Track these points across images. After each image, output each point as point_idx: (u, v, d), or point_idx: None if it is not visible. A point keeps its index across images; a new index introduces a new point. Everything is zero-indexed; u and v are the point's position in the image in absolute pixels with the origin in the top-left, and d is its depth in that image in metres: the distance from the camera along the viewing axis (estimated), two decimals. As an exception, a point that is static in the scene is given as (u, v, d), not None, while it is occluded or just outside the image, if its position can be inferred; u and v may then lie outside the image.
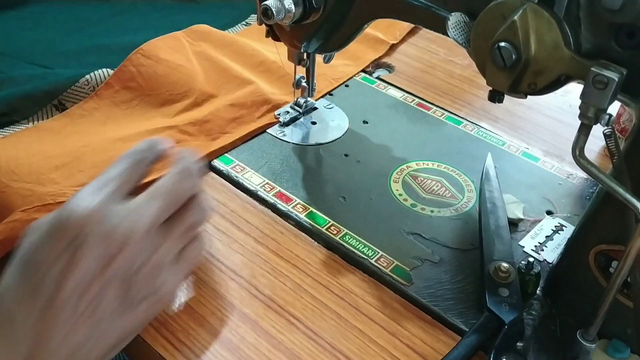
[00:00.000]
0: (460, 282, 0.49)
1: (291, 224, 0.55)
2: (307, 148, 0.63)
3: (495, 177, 0.56)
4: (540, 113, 0.71)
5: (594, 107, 0.37)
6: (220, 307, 0.47)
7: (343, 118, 0.67)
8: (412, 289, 0.49)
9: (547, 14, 0.37)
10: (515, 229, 0.54)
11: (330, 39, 0.56)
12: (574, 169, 0.61)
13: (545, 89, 0.40)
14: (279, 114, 0.66)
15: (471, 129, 0.67)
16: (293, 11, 0.50)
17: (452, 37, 0.44)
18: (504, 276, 0.47)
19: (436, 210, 0.56)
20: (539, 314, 0.47)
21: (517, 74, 0.39)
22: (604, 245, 0.43)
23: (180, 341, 0.44)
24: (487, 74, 0.41)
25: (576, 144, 0.39)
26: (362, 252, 0.51)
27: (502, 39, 0.39)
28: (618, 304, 0.42)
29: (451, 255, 0.52)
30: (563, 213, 0.57)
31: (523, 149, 0.64)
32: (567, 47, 0.37)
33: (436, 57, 0.80)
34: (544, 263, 0.51)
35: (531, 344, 0.45)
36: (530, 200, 0.57)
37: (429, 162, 0.62)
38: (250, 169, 0.59)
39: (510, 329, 0.43)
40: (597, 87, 0.36)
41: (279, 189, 0.57)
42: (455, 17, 0.43)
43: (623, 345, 0.43)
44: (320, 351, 0.44)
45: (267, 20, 0.50)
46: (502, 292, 0.46)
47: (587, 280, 0.45)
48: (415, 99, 0.71)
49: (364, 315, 0.47)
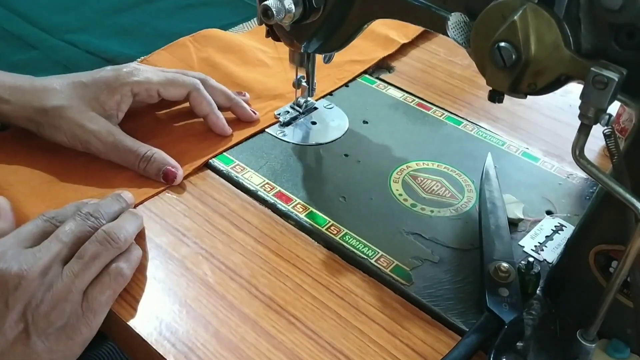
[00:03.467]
0: (460, 282, 0.49)
1: (291, 224, 0.55)
2: (307, 148, 0.63)
3: (495, 177, 0.56)
4: (540, 113, 0.71)
5: (594, 107, 0.37)
6: (220, 307, 0.47)
7: (343, 118, 0.68)
8: (412, 289, 0.49)
9: (547, 14, 0.37)
10: (515, 229, 0.54)
11: (330, 39, 0.56)
12: (574, 169, 0.61)
13: (545, 89, 0.40)
14: (279, 113, 0.66)
15: (471, 129, 0.67)
16: (293, 11, 0.50)
17: (452, 37, 0.44)
18: (503, 276, 0.47)
19: (436, 210, 0.56)
20: (539, 314, 0.47)
21: (517, 74, 0.39)
22: (603, 245, 0.43)
23: (181, 341, 0.44)
24: (487, 74, 0.41)
25: (576, 144, 0.39)
26: (362, 252, 0.51)
27: (502, 39, 0.39)
28: (618, 304, 0.42)
29: (451, 255, 0.52)
30: (563, 213, 0.57)
31: (523, 149, 0.64)
32: (567, 47, 0.37)
33: (436, 57, 0.80)
34: (543, 263, 0.51)
35: (531, 344, 0.45)
36: (530, 200, 0.57)
37: (429, 162, 0.62)
38: (250, 169, 0.59)
39: (510, 328, 0.44)
40: (597, 87, 0.36)
41: (279, 188, 0.57)
42: (455, 17, 0.43)
43: (623, 345, 0.43)
44: (320, 351, 0.44)
45: (267, 20, 0.50)
46: (502, 292, 0.46)
47: (587, 280, 0.45)
48: (415, 99, 0.71)
49: (364, 315, 0.47)
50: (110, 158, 0.58)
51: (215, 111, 0.62)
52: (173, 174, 0.57)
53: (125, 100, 0.59)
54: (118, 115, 0.59)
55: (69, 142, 0.57)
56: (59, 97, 0.56)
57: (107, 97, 0.58)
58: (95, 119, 0.57)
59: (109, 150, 0.57)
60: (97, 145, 0.57)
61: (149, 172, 0.57)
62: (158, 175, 0.57)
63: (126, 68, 0.60)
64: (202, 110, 0.62)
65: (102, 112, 0.58)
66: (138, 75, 0.59)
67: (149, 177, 0.57)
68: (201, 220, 0.54)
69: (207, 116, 0.63)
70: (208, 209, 0.55)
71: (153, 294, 0.48)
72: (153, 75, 0.61)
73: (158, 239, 0.52)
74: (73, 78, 0.58)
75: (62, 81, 0.58)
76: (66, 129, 0.56)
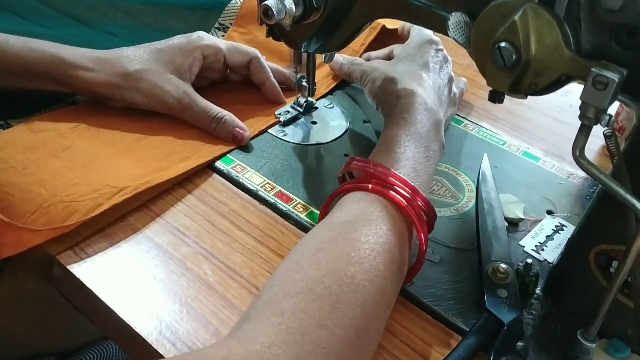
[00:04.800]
0: (461, 281, 0.49)
1: (291, 223, 0.55)
2: (308, 148, 0.63)
3: (491, 178, 0.56)
4: (540, 113, 0.71)
5: (594, 108, 0.37)
6: (221, 307, 0.47)
7: (343, 118, 0.68)
8: (413, 289, 0.49)
9: (547, 14, 0.37)
10: (515, 229, 0.54)
11: (330, 38, 0.56)
12: (574, 169, 0.61)
13: (545, 89, 0.40)
14: (280, 113, 0.66)
15: (472, 129, 0.67)
16: (293, 11, 0.50)
17: (452, 37, 0.44)
18: (502, 277, 0.47)
19: (437, 210, 0.56)
20: (539, 314, 0.47)
21: (517, 74, 0.39)
22: (604, 245, 0.43)
23: (181, 341, 0.44)
24: (487, 74, 0.41)
25: (576, 145, 0.39)
26: (363, 252, 0.51)
27: (502, 39, 0.39)
28: (618, 304, 0.42)
29: (451, 255, 0.52)
30: (563, 213, 0.57)
31: (524, 149, 0.64)
32: (567, 47, 0.37)
33: (437, 57, 0.79)
34: (544, 263, 0.51)
35: (531, 344, 0.45)
36: (531, 200, 0.57)
37: (429, 162, 0.62)
38: (251, 169, 0.59)
39: (509, 330, 0.43)
40: (597, 88, 0.36)
41: (279, 188, 0.57)
42: (456, 17, 0.43)
43: (623, 345, 0.43)
44: (320, 351, 0.44)
45: (267, 20, 0.50)
46: (501, 293, 0.46)
47: (587, 280, 0.45)
48: (415, 99, 0.71)
49: (364, 315, 0.47)
50: (185, 118, 0.62)
51: (272, 79, 0.67)
52: (241, 135, 0.61)
53: (196, 62, 0.64)
54: (191, 78, 0.64)
55: (149, 103, 0.62)
56: (139, 62, 0.62)
57: (181, 60, 0.63)
58: (173, 81, 0.62)
59: (184, 110, 0.62)
60: (174, 105, 0.62)
61: (219, 132, 0.61)
62: (228, 136, 0.61)
63: (195, 35, 0.65)
64: (261, 78, 0.67)
65: (178, 74, 0.63)
66: (207, 40, 0.65)
67: (219, 138, 0.61)
68: (201, 220, 0.54)
69: (264, 83, 0.67)
70: (208, 208, 0.55)
71: (153, 293, 0.48)
72: (220, 42, 0.66)
73: (158, 239, 0.52)
74: (149, 46, 0.63)
75: (139, 49, 0.63)
76: (147, 91, 0.61)
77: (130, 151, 0.59)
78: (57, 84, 0.61)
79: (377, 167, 0.47)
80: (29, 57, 0.60)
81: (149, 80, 0.61)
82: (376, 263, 0.41)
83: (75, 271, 0.49)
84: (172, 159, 0.58)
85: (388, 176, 0.46)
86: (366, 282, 0.40)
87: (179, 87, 0.62)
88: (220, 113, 0.62)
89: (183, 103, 0.61)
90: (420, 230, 0.46)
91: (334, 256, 0.41)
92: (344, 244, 0.42)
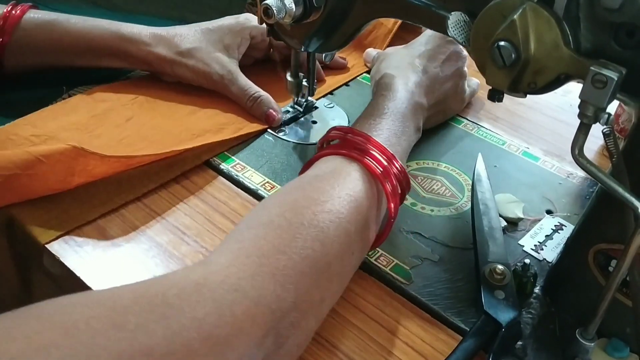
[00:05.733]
0: (460, 280, 0.50)
1: (291, 222, 0.55)
2: (308, 147, 0.63)
3: (486, 178, 0.56)
4: (540, 113, 0.71)
5: (594, 106, 0.37)
6: (220, 305, 0.47)
7: (343, 117, 0.68)
8: (412, 288, 0.49)
9: (546, 13, 0.37)
10: (515, 228, 0.55)
11: (330, 38, 0.56)
12: (574, 169, 0.61)
13: (545, 88, 0.40)
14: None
15: (471, 129, 0.67)
16: (293, 10, 0.50)
17: (452, 36, 0.44)
18: (499, 278, 0.47)
19: (436, 210, 0.56)
20: (538, 313, 0.47)
21: (516, 73, 0.39)
22: (603, 244, 0.43)
23: (180, 339, 0.44)
24: (486, 73, 0.41)
25: (576, 143, 0.39)
26: (362, 251, 0.51)
27: (501, 38, 0.39)
28: (617, 303, 0.42)
29: (451, 254, 0.52)
30: (563, 212, 0.57)
31: (523, 149, 0.64)
32: (566, 46, 0.37)
33: (437, 57, 0.79)
34: (543, 262, 0.51)
35: (530, 343, 0.45)
36: (530, 200, 0.57)
37: (429, 162, 0.62)
38: (251, 168, 0.59)
39: (507, 331, 0.43)
40: (596, 86, 0.36)
41: (279, 187, 0.57)
42: (455, 16, 0.43)
43: (622, 344, 0.43)
44: (319, 349, 0.44)
45: (267, 19, 0.50)
46: (498, 295, 0.46)
47: (586, 279, 0.45)
48: (415, 99, 0.71)
49: (363, 314, 0.47)
50: (226, 93, 0.66)
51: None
52: (273, 116, 0.64)
53: (244, 43, 0.68)
54: (238, 57, 0.68)
55: (196, 78, 0.66)
56: (191, 40, 0.66)
57: (230, 40, 0.67)
58: (219, 59, 0.66)
59: (226, 86, 0.66)
60: (218, 81, 0.66)
61: (255, 111, 0.65)
62: (262, 116, 0.64)
63: (243, 16, 0.70)
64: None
65: (226, 53, 0.67)
66: (255, 22, 0.68)
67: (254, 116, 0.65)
68: (201, 219, 0.54)
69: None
70: (208, 207, 0.55)
71: (153, 292, 0.48)
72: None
73: (158, 238, 0.52)
74: (200, 26, 0.68)
75: (191, 28, 0.68)
76: (195, 67, 0.66)
77: (187, 123, 0.63)
78: (116, 58, 0.66)
79: (355, 135, 0.49)
80: (90, 34, 0.65)
81: (197, 58, 0.65)
82: (340, 207, 0.42)
83: (75, 271, 0.49)
84: (226, 131, 0.63)
85: (367, 143, 0.48)
86: (328, 221, 0.41)
87: (224, 65, 0.66)
88: (257, 92, 0.65)
89: (225, 80, 0.65)
90: (391, 200, 0.47)
91: (298, 197, 0.43)
92: (310, 190, 0.44)
